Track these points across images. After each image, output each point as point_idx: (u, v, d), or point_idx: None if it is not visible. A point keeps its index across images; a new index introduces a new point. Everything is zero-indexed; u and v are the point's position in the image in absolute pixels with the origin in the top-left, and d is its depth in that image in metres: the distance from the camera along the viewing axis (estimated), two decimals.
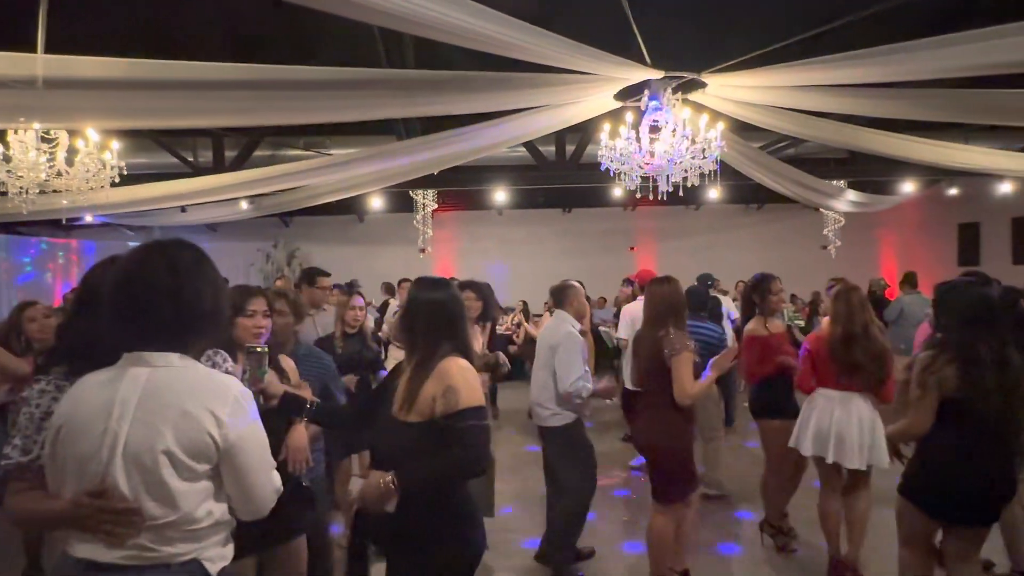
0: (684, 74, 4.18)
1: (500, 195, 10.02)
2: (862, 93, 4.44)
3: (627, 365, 4.29)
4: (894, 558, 2.77)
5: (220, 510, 1.38)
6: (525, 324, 7.40)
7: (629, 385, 4.40)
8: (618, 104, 4.71)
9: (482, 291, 3.79)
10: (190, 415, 1.31)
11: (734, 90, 4.47)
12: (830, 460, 3.33)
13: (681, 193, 4.59)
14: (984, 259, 12.82)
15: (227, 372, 1.90)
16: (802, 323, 10.09)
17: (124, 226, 11.29)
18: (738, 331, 5.19)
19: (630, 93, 4.52)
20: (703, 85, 4.37)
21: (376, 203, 11.36)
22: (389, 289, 8.79)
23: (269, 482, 1.45)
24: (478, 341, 3.75)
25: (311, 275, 4.19)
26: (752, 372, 3.89)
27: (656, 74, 4.15)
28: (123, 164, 4.29)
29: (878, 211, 12.72)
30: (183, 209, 8.17)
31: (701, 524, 3.82)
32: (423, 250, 10.61)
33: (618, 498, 4.91)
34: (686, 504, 3.18)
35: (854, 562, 3.34)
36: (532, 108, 4.76)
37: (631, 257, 14.23)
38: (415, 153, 5.44)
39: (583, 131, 6.64)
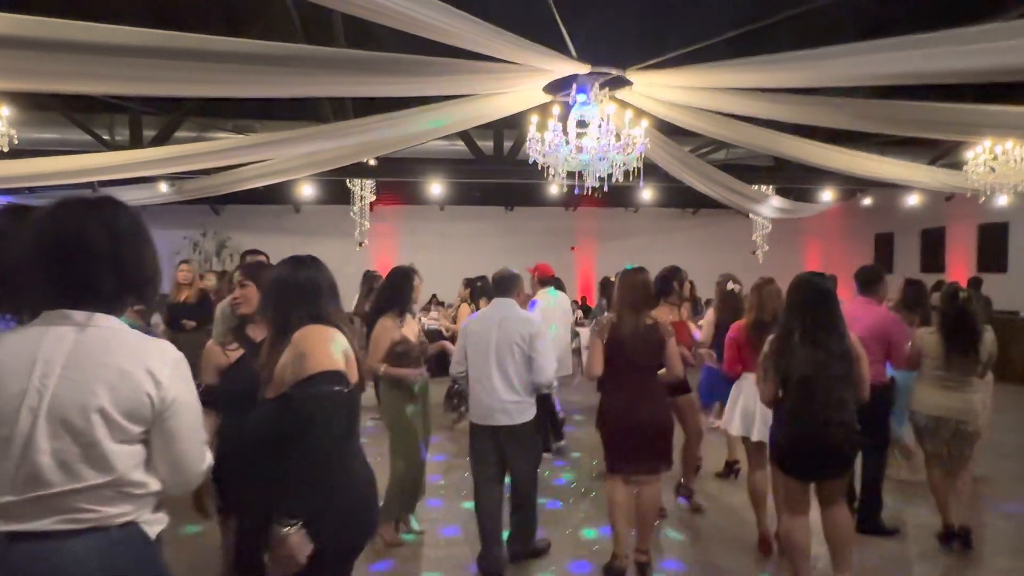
0: (609, 70, 4.23)
1: (437, 188, 9.96)
2: (782, 99, 4.62)
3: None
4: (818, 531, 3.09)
5: (152, 480, 1.32)
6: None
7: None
8: (548, 98, 4.74)
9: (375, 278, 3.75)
10: (128, 374, 1.26)
11: (659, 89, 4.57)
12: (755, 439, 3.62)
13: (606, 188, 4.65)
14: (896, 267, 13.68)
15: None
16: None
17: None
18: None
19: (559, 87, 4.54)
20: (629, 83, 4.44)
21: (313, 193, 11.05)
22: None
23: (199, 455, 1.40)
24: (411, 329, 3.70)
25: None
26: None
27: (583, 68, 4.19)
28: (14, 132, 3.95)
29: (803, 219, 13.35)
30: (93, 189, 7.67)
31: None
32: (361, 243, 10.40)
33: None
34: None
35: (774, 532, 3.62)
36: (462, 96, 4.72)
37: (572, 256, 14.43)
38: (342, 137, 5.30)
39: (520, 127, 6.67)
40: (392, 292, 3.67)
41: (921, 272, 12.85)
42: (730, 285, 4.79)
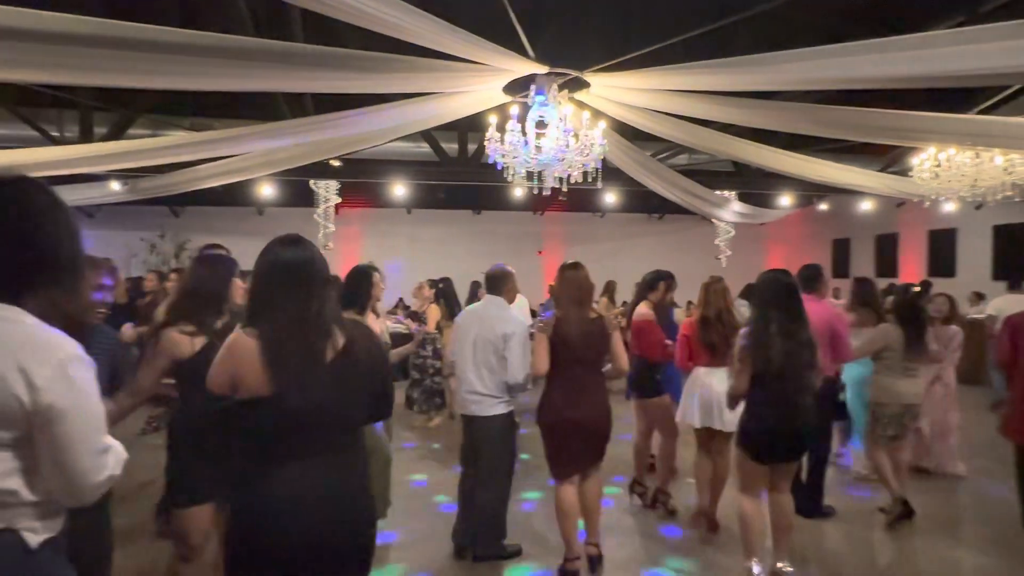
0: (567, 71, 4.26)
1: (402, 190, 9.90)
2: (737, 103, 4.72)
3: None
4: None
5: (27, 489, 1.20)
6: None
7: None
8: (508, 98, 4.75)
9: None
10: (9, 370, 1.14)
11: (617, 91, 4.62)
12: (727, 430, 3.77)
13: (565, 189, 4.68)
14: (852, 271, 14.09)
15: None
16: None
17: None
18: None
19: (519, 88, 4.56)
20: (587, 84, 4.49)
21: (276, 194, 10.87)
22: None
23: (92, 466, 1.22)
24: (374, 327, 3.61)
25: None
26: (644, 353, 4.31)
27: (541, 69, 4.21)
28: None
29: (765, 224, 13.65)
30: None
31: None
32: (326, 246, 10.25)
33: None
34: None
35: (712, 510, 4.00)
36: (422, 95, 4.70)
37: (539, 260, 14.48)
38: (299, 133, 5.22)
39: (483, 130, 6.67)
40: (350, 291, 3.58)
41: (876, 276, 13.27)
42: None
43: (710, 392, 3.83)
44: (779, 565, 3.21)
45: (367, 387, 1.79)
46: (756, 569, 3.15)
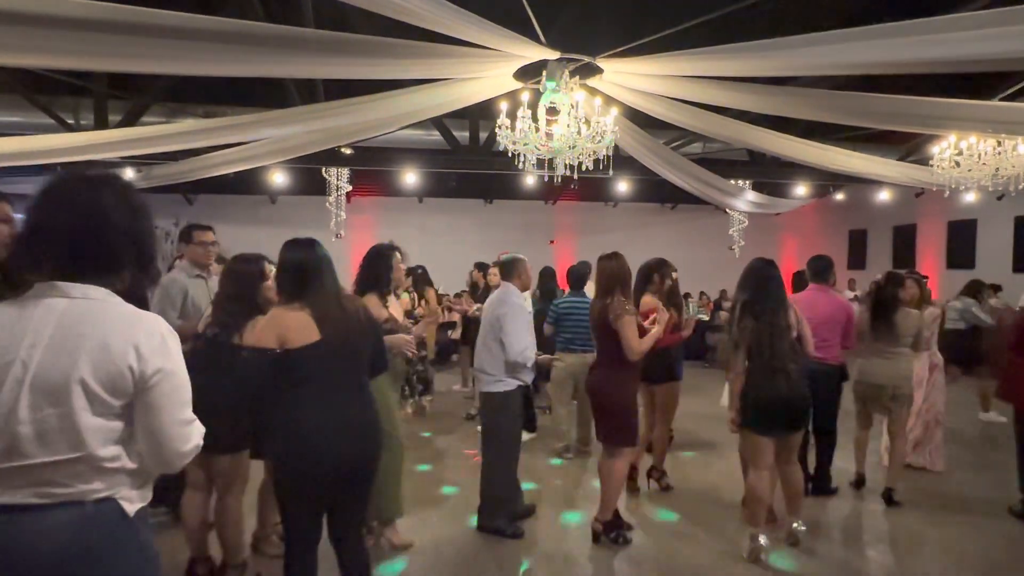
0: (579, 57, 4.21)
1: (413, 178, 9.89)
2: (752, 89, 4.63)
3: None
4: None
5: (127, 456, 1.31)
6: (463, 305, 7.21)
7: None
8: (519, 84, 4.70)
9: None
10: (111, 346, 1.26)
11: (629, 77, 4.56)
12: None
13: (576, 176, 4.64)
14: (869, 263, 13.90)
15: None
16: (706, 317, 10.59)
17: None
18: None
19: (530, 74, 4.51)
20: (599, 71, 4.43)
21: (289, 183, 10.90)
22: None
23: (181, 434, 1.35)
24: (395, 310, 3.58)
25: (188, 230, 3.82)
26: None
27: (552, 55, 4.16)
28: None
29: (779, 215, 13.48)
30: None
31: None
32: (338, 235, 10.28)
33: None
34: (631, 449, 3.63)
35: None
36: (433, 81, 4.67)
37: (550, 250, 14.43)
38: (311, 120, 5.21)
39: (494, 118, 6.63)
40: (370, 272, 3.49)
41: (893, 268, 13.07)
42: (673, 275, 5.07)
43: None
44: (795, 525, 3.53)
45: (370, 342, 2.47)
46: (762, 539, 3.39)
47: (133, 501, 1.32)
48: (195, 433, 1.40)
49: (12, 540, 1.21)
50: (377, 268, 3.49)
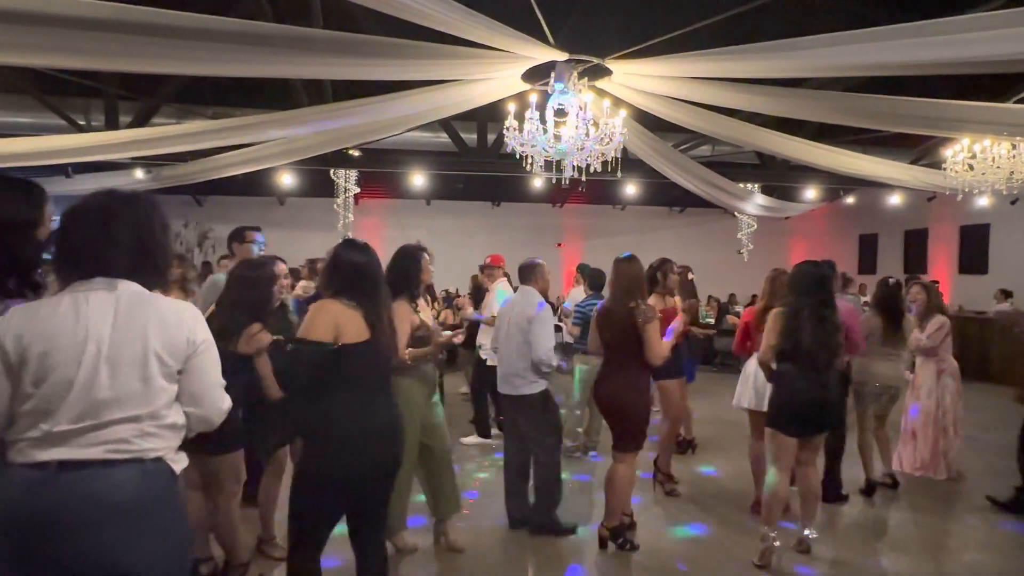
0: (588, 58, 4.19)
1: (421, 180, 9.89)
2: (762, 91, 4.60)
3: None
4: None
5: (179, 416, 1.56)
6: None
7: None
8: (527, 86, 4.68)
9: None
10: (168, 323, 1.53)
11: (638, 79, 4.53)
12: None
13: (584, 179, 4.61)
14: (880, 267, 13.77)
15: None
16: (711, 321, 10.53)
17: None
18: None
19: (538, 75, 4.50)
20: (608, 72, 4.40)
21: (297, 184, 10.94)
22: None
23: (220, 394, 1.64)
24: (426, 314, 3.48)
25: (240, 232, 3.93)
26: None
27: (560, 56, 4.14)
28: None
29: (788, 218, 13.39)
30: (67, 175, 7.52)
31: None
32: (345, 237, 10.29)
33: None
34: (636, 454, 3.63)
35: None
36: (441, 83, 4.66)
37: (557, 253, 14.40)
38: (319, 120, 5.22)
39: (502, 120, 6.62)
40: (399, 276, 3.32)
41: (904, 273, 12.95)
42: (689, 275, 5.21)
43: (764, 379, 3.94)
44: (806, 532, 3.53)
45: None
46: (774, 535, 3.41)
47: (177, 463, 1.55)
48: (227, 395, 1.67)
49: (83, 492, 1.40)
50: (407, 270, 3.36)
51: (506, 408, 3.91)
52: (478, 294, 7.44)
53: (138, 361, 1.47)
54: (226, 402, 1.66)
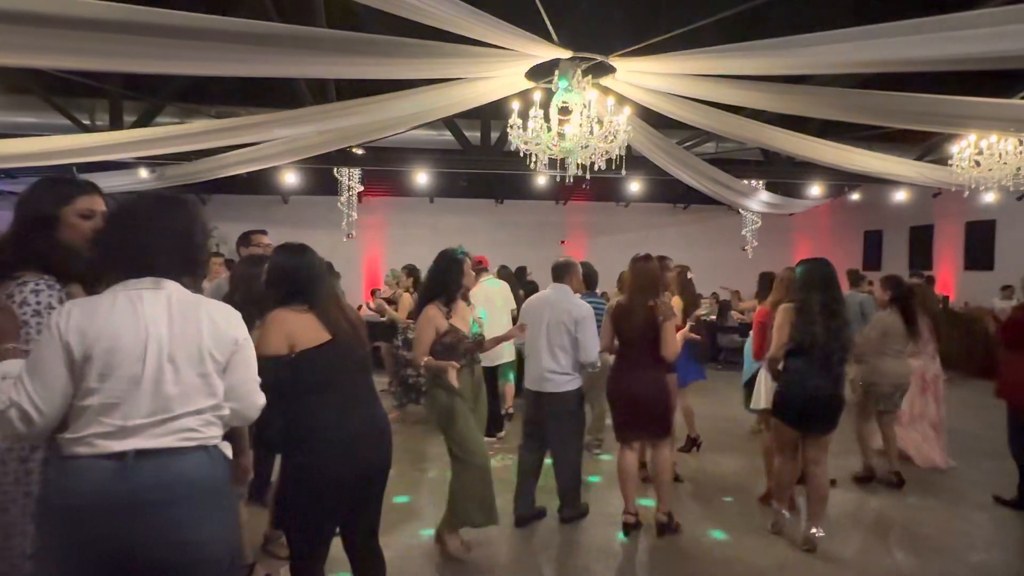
0: (592, 56, 4.17)
1: (424, 178, 9.89)
2: (767, 88, 4.57)
3: None
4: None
5: (227, 408, 1.66)
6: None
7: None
8: (531, 84, 4.68)
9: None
10: (217, 322, 1.64)
11: (643, 76, 4.52)
12: None
13: (588, 177, 4.61)
14: (885, 264, 13.72)
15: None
16: (714, 318, 10.50)
17: (10, 192, 10.38)
18: None
19: (542, 73, 4.49)
20: (612, 70, 4.39)
21: (301, 183, 10.95)
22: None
23: (258, 391, 1.74)
24: (462, 318, 3.44)
25: (247, 235, 3.95)
26: None
27: (564, 53, 4.13)
28: None
29: (793, 215, 13.34)
30: (72, 173, 7.51)
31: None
32: (349, 235, 10.31)
33: None
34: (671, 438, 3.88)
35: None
36: (444, 81, 4.65)
37: (561, 250, 14.39)
38: (323, 120, 5.22)
39: (506, 118, 6.61)
40: (438, 279, 3.35)
41: (909, 269, 12.89)
42: (688, 274, 5.27)
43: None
44: (813, 531, 3.56)
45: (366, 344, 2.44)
46: (787, 514, 3.69)
47: (225, 449, 1.67)
48: (262, 393, 1.76)
49: (162, 477, 1.51)
50: (447, 274, 3.36)
51: (533, 407, 3.86)
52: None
53: (195, 359, 1.58)
54: (262, 398, 1.75)
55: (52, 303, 1.67)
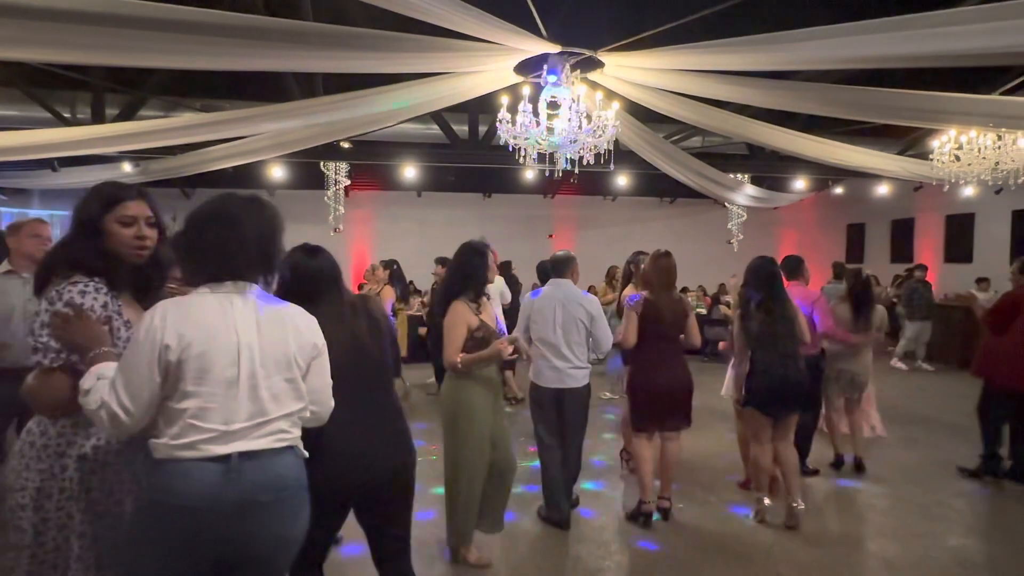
0: (581, 51, 4.19)
1: (412, 172, 9.83)
2: (752, 83, 4.63)
3: None
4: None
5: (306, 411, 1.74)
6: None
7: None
8: (520, 79, 4.69)
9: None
10: (300, 327, 1.70)
11: (631, 71, 4.55)
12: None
13: (576, 171, 4.64)
14: (867, 256, 13.93)
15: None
16: (704, 311, 10.59)
17: None
18: None
19: (531, 68, 4.50)
20: (601, 64, 4.41)
21: (287, 177, 10.84)
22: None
23: (331, 395, 1.81)
24: (488, 313, 3.24)
25: None
26: None
27: (553, 48, 4.15)
28: None
29: (778, 209, 13.47)
30: (54, 169, 7.42)
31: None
32: (336, 229, 10.25)
33: None
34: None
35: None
36: (432, 75, 4.65)
37: (549, 244, 14.42)
38: (309, 114, 5.19)
39: (494, 112, 6.61)
40: (464, 272, 3.13)
41: (890, 262, 13.10)
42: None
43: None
44: (794, 505, 3.74)
45: (388, 344, 2.33)
46: (767, 501, 3.82)
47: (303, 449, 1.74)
48: (333, 397, 1.82)
49: (265, 476, 1.58)
50: (472, 267, 3.14)
51: (551, 404, 3.72)
52: None
53: (283, 365, 1.64)
54: (332, 401, 1.81)
55: (95, 307, 1.65)
